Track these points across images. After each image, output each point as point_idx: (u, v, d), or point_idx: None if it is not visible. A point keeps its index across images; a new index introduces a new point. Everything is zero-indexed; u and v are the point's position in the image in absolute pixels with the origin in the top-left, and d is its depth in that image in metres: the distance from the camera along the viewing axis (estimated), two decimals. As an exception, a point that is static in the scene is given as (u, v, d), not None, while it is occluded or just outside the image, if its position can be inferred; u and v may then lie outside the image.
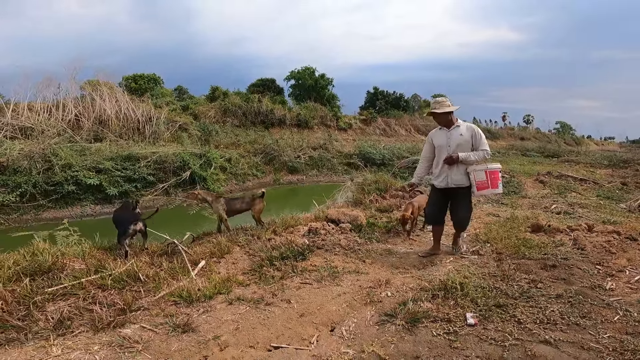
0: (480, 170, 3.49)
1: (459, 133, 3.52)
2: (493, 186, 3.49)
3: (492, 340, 2.15)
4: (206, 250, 3.53)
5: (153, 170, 11.07)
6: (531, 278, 3.04)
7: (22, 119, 12.37)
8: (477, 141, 3.51)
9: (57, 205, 9.57)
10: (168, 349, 2.07)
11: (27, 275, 2.72)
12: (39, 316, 2.30)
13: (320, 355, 2.03)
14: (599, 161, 15.00)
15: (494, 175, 3.50)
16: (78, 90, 14.62)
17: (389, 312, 2.48)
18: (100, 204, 10.10)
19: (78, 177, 9.75)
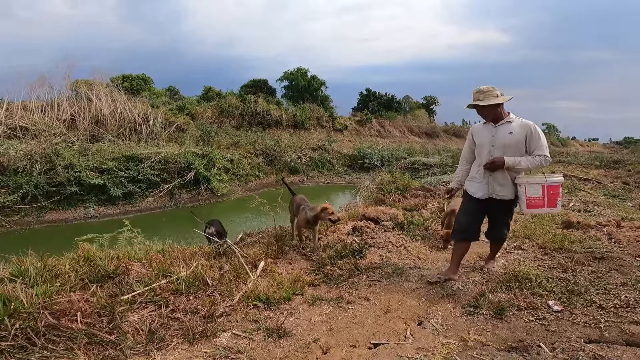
0: (536, 184, 2.73)
1: (509, 131, 2.75)
2: (550, 205, 2.75)
3: (585, 323, 2.21)
4: (260, 251, 3.47)
5: (157, 171, 10.84)
6: (589, 269, 3.12)
7: (16, 119, 11.96)
8: (534, 143, 2.72)
9: (60, 207, 9.26)
10: (272, 356, 2.00)
11: (92, 282, 2.60)
12: (126, 328, 2.17)
13: (424, 347, 2.03)
14: (590, 162, 15.49)
15: (554, 191, 2.75)
16: (73, 89, 14.18)
17: (472, 303, 2.51)
18: (104, 205, 9.84)
19: (81, 178, 9.46)
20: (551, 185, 2.75)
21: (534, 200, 2.75)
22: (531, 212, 2.91)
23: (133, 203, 10.24)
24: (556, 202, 2.78)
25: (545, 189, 2.74)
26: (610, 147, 26.68)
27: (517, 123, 2.80)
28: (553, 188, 2.76)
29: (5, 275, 2.54)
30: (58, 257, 3.17)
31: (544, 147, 2.73)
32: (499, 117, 2.82)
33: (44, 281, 2.50)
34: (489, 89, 2.78)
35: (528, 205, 2.76)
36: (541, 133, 2.77)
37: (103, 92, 14.40)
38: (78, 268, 2.77)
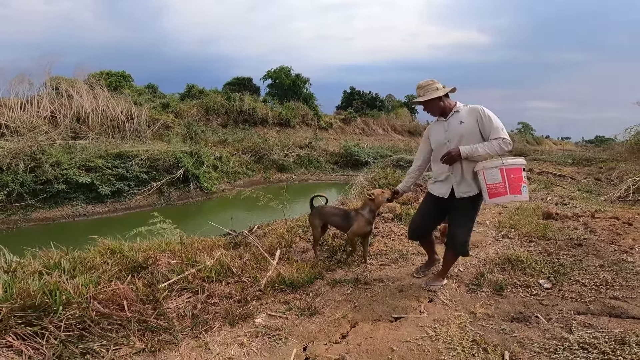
0: (493, 168, 2.43)
1: (459, 120, 2.54)
2: (513, 191, 2.42)
3: (572, 299, 2.56)
4: (273, 241, 3.69)
5: (146, 169, 10.80)
6: (571, 254, 3.52)
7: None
8: (487, 126, 2.46)
9: (47, 205, 9.11)
10: (308, 331, 2.24)
11: (127, 273, 2.75)
12: (171, 314, 2.34)
13: (439, 319, 2.32)
14: (563, 160, 16.40)
15: (515, 175, 2.43)
16: (53, 86, 13.80)
17: (474, 282, 2.83)
18: (92, 203, 9.73)
19: (68, 176, 9.34)
20: (510, 167, 2.43)
21: (495, 188, 2.44)
22: (495, 202, 2.50)
23: (122, 201, 10.16)
24: (520, 188, 2.43)
25: (504, 173, 2.42)
26: (582, 146, 28.17)
27: (465, 110, 2.57)
28: (513, 171, 2.43)
29: (39, 268, 2.65)
30: (77, 250, 3.29)
31: (500, 129, 2.44)
32: (447, 110, 2.62)
33: (80, 273, 2.63)
34: (428, 83, 2.61)
35: (490, 195, 2.45)
36: (492, 115, 2.49)
37: (84, 89, 14.12)
38: (107, 260, 2.91)
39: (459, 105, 2.62)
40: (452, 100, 2.65)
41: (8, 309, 2.05)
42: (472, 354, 1.95)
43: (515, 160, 2.50)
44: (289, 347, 2.12)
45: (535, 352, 1.95)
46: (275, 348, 2.12)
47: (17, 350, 1.93)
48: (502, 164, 2.43)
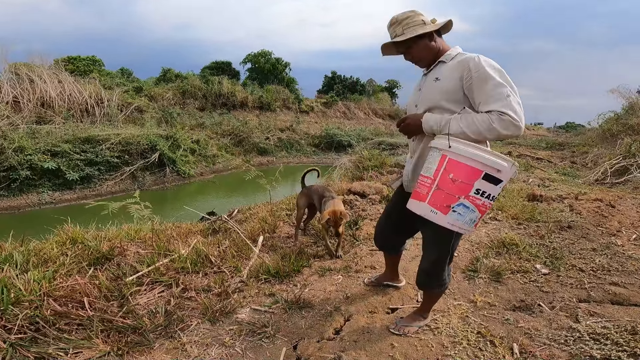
0: (436, 150, 1.51)
1: (434, 76, 1.66)
2: (434, 202, 1.47)
3: (572, 285, 2.45)
4: (256, 226, 3.44)
5: (117, 153, 10.22)
6: (562, 237, 3.44)
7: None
8: (476, 88, 1.52)
9: (10, 193, 8.49)
10: (298, 327, 2.03)
11: (89, 266, 2.44)
12: (141, 311, 2.07)
13: (439, 310, 2.16)
14: (538, 144, 16.73)
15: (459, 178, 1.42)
16: (12, 72, 12.80)
17: (469, 268, 2.69)
18: (60, 190, 9.16)
19: (32, 161, 8.70)
20: (457, 160, 1.40)
21: (421, 184, 1.51)
22: (412, 207, 1.56)
23: (92, 187, 9.62)
24: (451, 205, 1.41)
25: (442, 165, 1.43)
26: (554, 131, 28.96)
27: (455, 61, 1.60)
28: (459, 169, 1.40)
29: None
30: (36, 241, 2.94)
31: (498, 96, 1.44)
32: (430, 57, 1.69)
33: (34, 266, 2.32)
34: (407, 16, 1.65)
35: (413, 192, 1.57)
36: (490, 70, 1.48)
37: (46, 73, 13.19)
38: (66, 251, 2.59)
39: (452, 52, 1.65)
40: (446, 43, 1.71)
41: None
42: (478, 347, 1.80)
43: (476, 151, 1.37)
44: (278, 346, 1.90)
45: (545, 344, 1.81)
46: (262, 348, 1.89)
47: None
48: (447, 147, 1.41)
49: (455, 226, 1.45)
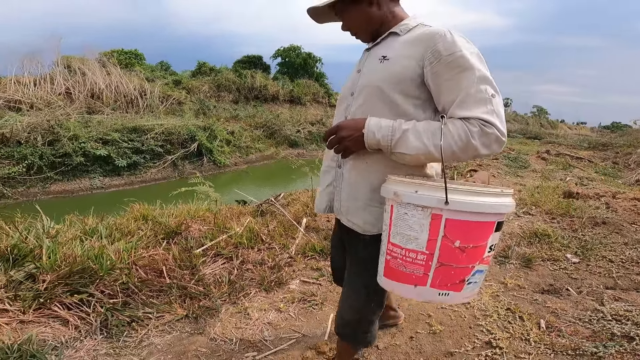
0: (417, 207, 0.92)
1: (381, 53, 1.11)
2: (443, 284, 0.95)
3: (600, 274, 2.58)
4: (298, 209, 3.74)
5: (161, 142, 10.88)
6: (594, 231, 3.52)
7: (10, 92, 11.66)
8: (449, 82, 0.98)
9: (65, 178, 9.26)
10: (342, 297, 2.32)
11: (162, 239, 2.79)
12: (209, 280, 2.38)
13: (470, 287, 2.37)
14: (579, 144, 16.14)
15: (471, 242, 0.92)
16: (65, 64, 13.82)
17: (501, 254, 2.87)
18: (109, 176, 9.88)
19: (85, 149, 9.44)
20: (463, 220, 0.90)
21: (401, 258, 0.98)
22: (391, 287, 1.04)
23: (137, 174, 10.31)
24: (465, 279, 0.95)
25: (438, 231, 0.91)
26: (598, 131, 27.68)
27: (414, 34, 1.08)
28: (468, 230, 0.91)
29: (78, 234, 2.72)
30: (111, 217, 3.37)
31: (487, 95, 0.97)
32: (385, 28, 1.17)
33: (117, 239, 2.69)
34: None
35: (386, 271, 1.03)
36: (474, 56, 0.99)
37: (96, 66, 14.14)
38: (141, 226, 2.98)
39: (412, 23, 1.13)
40: (401, 10, 1.19)
41: (54, 277, 2.02)
42: (507, 320, 2.00)
43: (483, 199, 0.90)
44: (326, 312, 2.18)
45: (570, 322, 1.99)
46: (312, 313, 2.18)
47: (63, 320, 1.93)
48: (445, 202, 0.88)
49: (469, 297, 1.03)
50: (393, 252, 1.00)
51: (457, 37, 1.00)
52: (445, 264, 0.94)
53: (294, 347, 1.92)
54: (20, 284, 2.03)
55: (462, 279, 0.96)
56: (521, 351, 1.75)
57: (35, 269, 2.08)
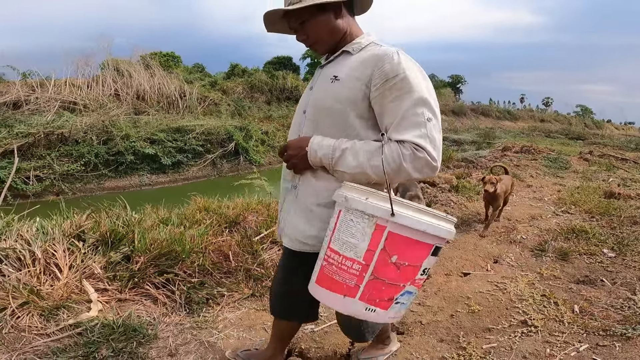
0: (363, 214, 0.94)
1: (333, 73, 1.15)
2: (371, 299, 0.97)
3: (635, 267, 2.69)
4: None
5: (201, 142, 11.52)
6: (633, 229, 3.57)
7: (64, 94, 12.71)
8: (390, 105, 1.04)
9: (117, 175, 10.05)
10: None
11: (225, 228, 3.12)
12: (268, 264, 2.66)
13: (507, 277, 2.57)
14: (626, 144, 15.41)
15: (408, 261, 0.96)
16: (114, 66, 14.84)
17: (537, 248, 3.02)
18: (156, 173, 10.60)
19: (136, 148, 10.19)
20: (405, 236, 0.93)
21: (337, 266, 0.99)
22: (319, 296, 1.07)
23: (181, 172, 10.99)
24: (392, 298, 0.99)
25: (379, 242, 0.94)
26: (648, 132, 26.22)
27: (362, 55, 1.12)
28: (407, 248, 0.95)
29: (156, 222, 3.11)
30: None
31: (422, 119, 1.02)
32: (342, 43, 1.19)
33: (188, 227, 3.06)
34: None
35: (319, 277, 1.06)
36: (418, 79, 1.05)
37: (141, 68, 15.06)
38: (204, 217, 3.37)
39: (365, 41, 1.16)
40: (357, 26, 1.21)
41: (146, 258, 2.29)
42: (543, 304, 2.19)
43: (427, 218, 0.94)
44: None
45: (603, 308, 2.15)
46: (359, 293, 2.46)
47: (152, 298, 2.18)
48: (389, 214, 0.91)
49: (395, 318, 1.06)
50: (330, 258, 1.01)
51: (404, 58, 1.06)
52: (379, 278, 0.96)
53: None
54: (116, 265, 2.36)
55: (391, 296, 0.98)
56: (555, 330, 1.94)
57: (130, 251, 2.42)
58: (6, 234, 2.37)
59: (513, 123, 27.18)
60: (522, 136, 18.53)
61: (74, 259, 2.29)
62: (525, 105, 40.97)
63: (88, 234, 2.52)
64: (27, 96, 11.40)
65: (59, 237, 2.40)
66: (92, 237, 2.49)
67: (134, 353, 1.71)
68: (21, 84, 11.89)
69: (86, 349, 1.69)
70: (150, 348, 1.79)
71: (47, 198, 8.48)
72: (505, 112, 29.66)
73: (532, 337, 1.90)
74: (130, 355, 1.70)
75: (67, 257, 2.28)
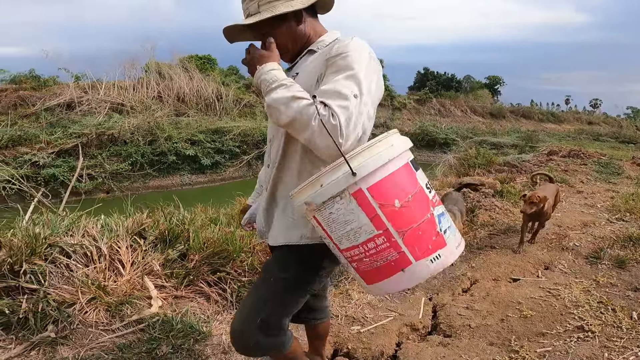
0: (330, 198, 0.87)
1: (296, 71, 1.17)
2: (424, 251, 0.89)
3: (699, 278, 2.53)
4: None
5: (238, 143, 11.89)
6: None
7: (113, 96, 13.52)
8: (328, 76, 1.02)
9: (161, 174, 10.57)
10: (432, 285, 2.57)
11: None
12: None
13: (560, 283, 2.49)
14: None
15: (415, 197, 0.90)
16: (156, 70, 15.58)
17: (592, 255, 2.91)
18: (195, 173, 11.05)
19: (177, 148, 10.68)
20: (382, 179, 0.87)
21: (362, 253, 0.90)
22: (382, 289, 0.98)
23: (218, 172, 11.39)
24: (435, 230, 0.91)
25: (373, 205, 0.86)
26: None
27: (328, 48, 1.10)
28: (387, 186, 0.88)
29: (206, 222, 3.23)
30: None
31: (348, 93, 0.96)
32: (306, 46, 1.19)
33: (236, 226, 3.13)
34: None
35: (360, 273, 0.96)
36: (362, 60, 1.02)
37: (181, 71, 15.74)
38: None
39: (329, 38, 1.17)
40: (321, 27, 1.21)
41: (200, 257, 2.35)
42: (600, 311, 2.12)
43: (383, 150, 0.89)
44: (417, 297, 2.46)
45: (665, 317, 2.04)
46: (405, 297, 2.47)
47: (206, 295, 2.23)
48: (351, 176, 0.85)
49: (461, 247, 1.03)
50: (355, 256, 0.90)
51: (356, 43, 1.04)
52: (406, 229, 0.86)
53: (391, 323, 2.20)
54: (172, 262, 2.43)
55: (435, 232, 0.90)
56: (613, 336, 1.88)
57: (185, 249, 2.49)
58: (73, 230, 2.47)
59: (557, 126, 25.85)
60: (568, 139, 17.63)
61: (135, 256, 2.38)
62: (571, 107, 38.87)
63: (148, 231, 2.62)
64: (80, 98, 12.23)
65: (122, 234, 2.50)
66: (152, 235, 2.59)
67: (192, 350, 1.78)
68: (74, 86, 12.75)
69: (149, 345, 1.75)
70: (205, 345, 1.85)
71: (98, 196, 9.07)
72: (548, 114, 28.21)
73: (589, 342, 1.85)
74: (188, 352, 1.76)
75: (129, 253, 2.37)
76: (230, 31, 1.19)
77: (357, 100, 0.96)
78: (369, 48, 1.06)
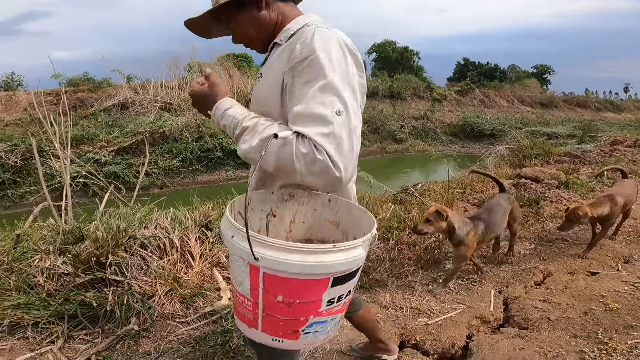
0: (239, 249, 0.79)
1: (261, 71, 1.04)
2: (274, 330, 0.86)
3: None
4: (434, 198, 3.97)
5: (278, 139, 12.11)
6: None
7: (162, 95, 14.22)
8: (296, 92, 0.85)
9: (208, 170, 11.02)
10: (501, 277, 2.51)
11: None
12: (371, 257, 2.70)
13: (646, 279, 2.32)
14: None
15: (298, 298, 0.81)
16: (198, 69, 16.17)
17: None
18: (240, 168, 11.41)
19: (223, 144, 11.08)
20: (283, 277, 0.78)
21: (237, 299, 0.91)
22: (237, 323, 0.96)
23: (260, 167, 11.67)
24: (297, 330, 0.86)
25: (258, 282, 0.81)
26: None
27: (288, 45, 0.93)
28: (291, 287, 0.79)
29: None
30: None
31: (327, 112, 0.79)
32: (276, 34, 1.01)
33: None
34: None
35: (235, 310, 0.96)
36: (331, 60, 0.83)
37: (221, 70, 16.24)
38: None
39: (295, 26, 0.97)
40: (292, 10, 1.03)
41: None
42: (698, 307, 1.96)
43: (306, 258, 0.76)
44: (486, 289, 2.39)
45: None
46: (472, 289, 2.40)
47: None
48: (252, 257, 0.76)
49: (315, 344, 0.96)
50: (234, 291, 0.92)
51: (320, 37, 0.86)
52: (272, 314, 0.84)
53: (460, 315, 2.16)
54: None
55: (294, 329, 0.85)
56: None
57: None
58: (146, 223, 2.58)
59: (617, 115, 23.96)
60: (630, 128, 16.27)
61: (204, 248, 2.47)
62: (631, 95, 35.82)
63: (215, 223, 2.73)
64: (132, 98, 12.99)
65: (191, 226, 2.59)
66: (218, 227, 2.66)
67: (260, 343, 1.84)
68: (127, 87, 13.55)
69: (222, 338, 1.78)
70: (275, 338, 1.91)
71: (153, 191, 9.63)
72: (606, 102, 26.17)
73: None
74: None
75: (198, 245, 2.45)
76: (196, 25, 1.05)
77: (342, 117, 0.80)
78: (337, 38, 0.88)
